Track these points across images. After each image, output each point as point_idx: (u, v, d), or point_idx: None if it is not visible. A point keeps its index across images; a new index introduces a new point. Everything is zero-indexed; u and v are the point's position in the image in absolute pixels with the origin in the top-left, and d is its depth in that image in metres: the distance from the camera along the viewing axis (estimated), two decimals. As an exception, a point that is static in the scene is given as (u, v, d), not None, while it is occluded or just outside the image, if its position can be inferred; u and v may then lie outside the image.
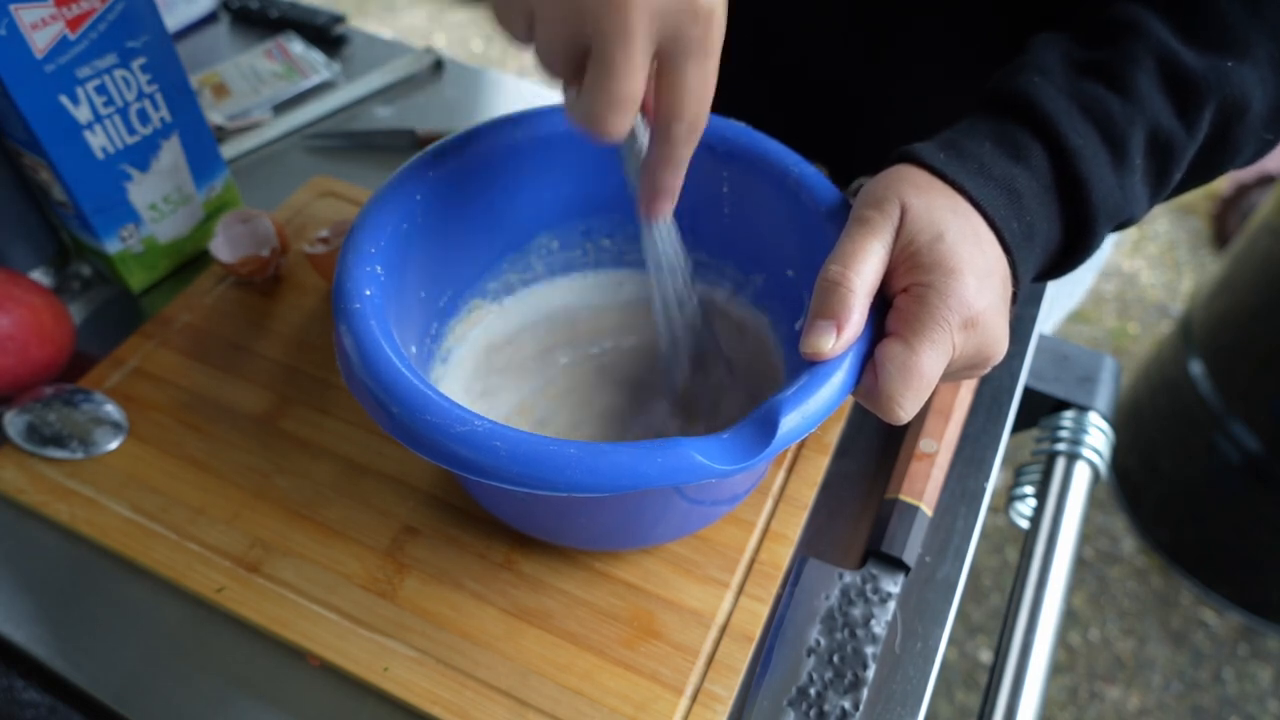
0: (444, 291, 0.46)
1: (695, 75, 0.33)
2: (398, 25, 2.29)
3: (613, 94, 0.31)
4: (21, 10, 0.43)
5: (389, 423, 0.33)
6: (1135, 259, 1.79)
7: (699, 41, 0.32)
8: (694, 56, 0.32)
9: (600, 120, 0.32)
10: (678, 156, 0.35)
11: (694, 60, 0.32)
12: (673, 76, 0.33)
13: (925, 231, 0.34)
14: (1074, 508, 0.51)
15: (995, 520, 1.39)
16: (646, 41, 0.31)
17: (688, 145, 0.35)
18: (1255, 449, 1.16)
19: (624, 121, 0.32)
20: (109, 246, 0.54)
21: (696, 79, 0.33)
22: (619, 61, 0.31)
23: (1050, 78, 0.37)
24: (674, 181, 0.36)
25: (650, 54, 0.31)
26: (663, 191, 0.37)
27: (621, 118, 0.32)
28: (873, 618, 0.43)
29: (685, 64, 0.32)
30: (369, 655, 0.41)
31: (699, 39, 0.32)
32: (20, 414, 0.48)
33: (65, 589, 0.44)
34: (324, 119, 0.71)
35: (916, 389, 0.33)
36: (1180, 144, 0.38)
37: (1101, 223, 0.37)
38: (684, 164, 0.36)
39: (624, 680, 0.40)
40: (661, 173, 0.36)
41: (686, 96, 0.33)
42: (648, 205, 0.37)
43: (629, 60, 0.31)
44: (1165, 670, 1.25)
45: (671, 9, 0.30)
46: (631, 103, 0.32)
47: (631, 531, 0.42)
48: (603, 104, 0.32)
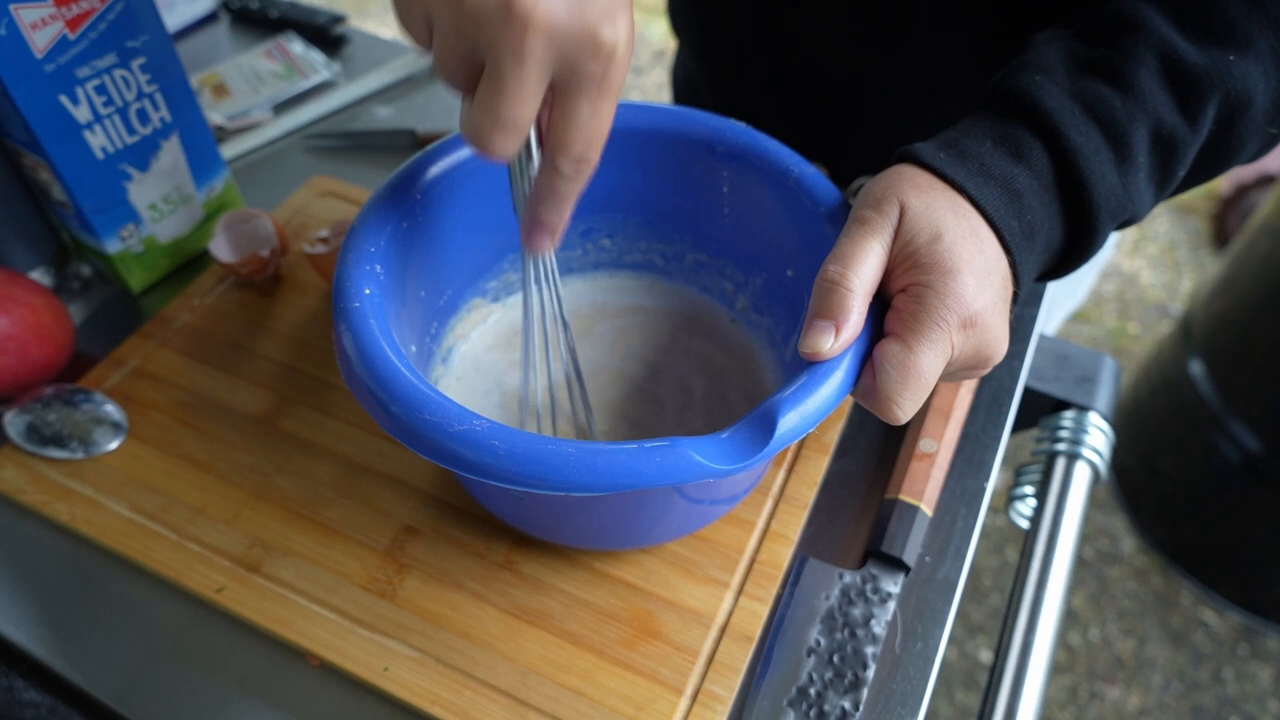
0: (444, 291, 0.46)
1: (587, 111, 0.32)
2: (398, 25, 2.29)
3: (499, 115, 0.31)
4: (21, 10, 0.43)
5: (388, 422, 0.33)
6: (1135, 259, 1.79)
7: (596, 78, 0.31)
8: (588, 92, 0.31)
9: (485, 140, 0.31)
10: (561, 192, 0.34)
11: (588, 96, 0.31)
12: (565, 109, 0.32)
13: (924, 231, 0.34)
14: (1074, 508, 0.51)
15: (995, 520, 1.39)
16: (540, 68, 0.30)
17: (573, 181, 0.34)
18: (1255, 449, 1.16)
19: (508, 144, 0.31)
20: (109, 246, 0.54)
21: (588, 115, 0.32)
22: (509, 84, 0.30)
23: (1051, 76, 0.37)
24: (555, 217, 0.35)
25: (544, 81, 0.31)
26: (542, 225, 0.36)
27: (506, 140, 0.31)
28: (873, 618, 0.43)
29: (579, 98, 0.31)
30: (369, 655, 0.41)
31: (597, 75, 0.31)
32: (20, 414, 0.48)
33: (65, 589, 0.44)
34: (324, 119, 0.71)
35: (915, 389, 0.33)
36: (1184, 140, 0.37)
37: (1104, 221, 0.37)
38: (568, 200, 0.35)
39: (624, 680, 0.40)
40: (543, 205, 0.35)
41: (574, 131, 0.32)
42: (526, 237, 0.36)
43: (520, 84, 0.30)
44: (1165, 670, 1.25)
45: (571, 39, 0.30)
46: (517, 127, 0.31)
47: (631, 531, 0.42)
48: (489, 124, 0.31)
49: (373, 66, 0.75)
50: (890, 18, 0.53)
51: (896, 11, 0.52)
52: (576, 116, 0.32)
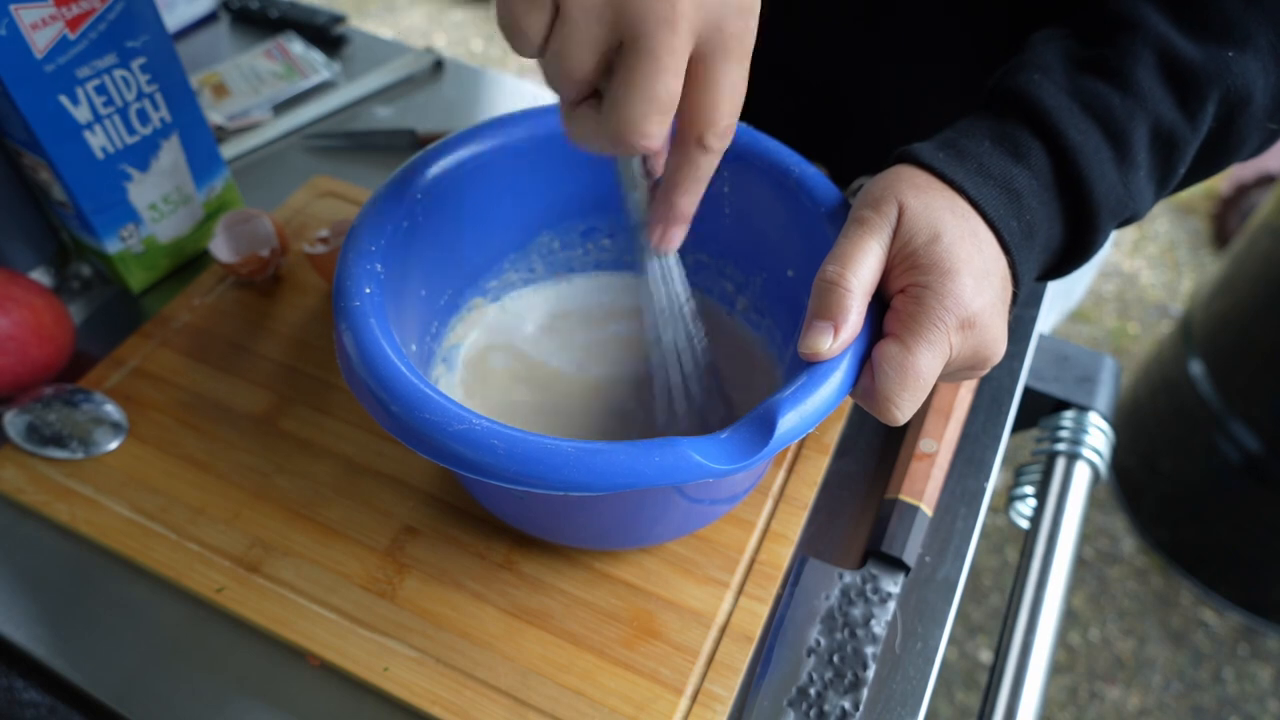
0: (444, 290, 0.46)
1: (735, 75, 0.30)
2: (398, 25, 2.29)
3: (654, 93, 0.28)
4: (21, 10, 0.43)
5: (388, 421, 0.33)
6: (1135, 259, 1.79)
7: (739, 37, 0.29)
8: (734, 54, 0.29)
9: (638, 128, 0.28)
10: (704, 173, 0.32)
11: (734, 58, 0.29)
12: (710, 77, 0.29)
13: (923, 232, 0.34)
14: (1074, 508, 0.51)
15: (995, 520, 1.39)
16: (691, 33, 0.28)
17: (716, 159, 0.32)
18: (1255, 449, 1.16)
19: (664, 128, 0.29)
20: (109, 246, 0.54)
21: (736, 80, 0.30)
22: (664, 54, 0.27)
23: (1049, 75, 0.37)
24: (691, 203, 0.33)
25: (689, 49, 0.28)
26: (680, 217, 0.33)
27: (663, 123, 0.29)
28: (873, 618, 0.43)
29: (725, 63, 0.29)
30: (369, 655, 0.41)
31: (739, 35, 0.29)
32: (20, 414, 0.48)
33: (65, 589, 0.44)
34: (324, 119, 0.71)
35: (913, 390, 0.33)
36: (1183, 137, 0.37)
37: (1104, 220, 0.37)
38: (705, 183, 0.33)
39: (624, 680, 0.40)
40: (682, 193, 0.32)
41: (725, 100, 0.30)
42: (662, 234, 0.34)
43: (673, 54, 0.27)
44: (1165, 670, 1.25)
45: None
46: (673, 105, 0.29)
47: (631, 531, 0.42)
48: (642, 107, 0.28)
49: (373, 66, 0.75)
50: (890, 18, 0.53)
51: (896, 12, 0.52)
52: (727, 82, 0.29)
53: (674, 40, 0.27)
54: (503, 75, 0.76)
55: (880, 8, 0.53)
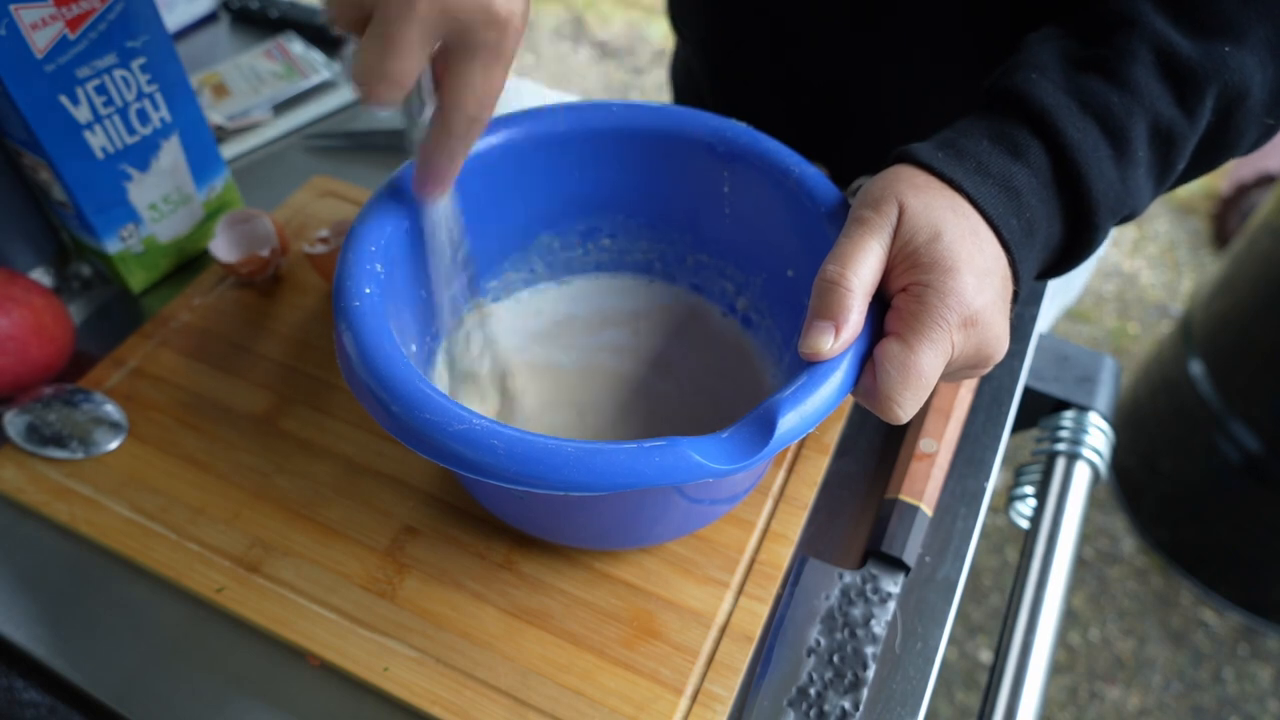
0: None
1: (480, 75, 0.33)
2: (398, 25, 2.29)
3: (381, 68, 0.32)
4: (21, 10, 0.43)
5: (388, 421, 0.33)
6: (1135, 259, 1.79)
7: (491, 46, 0.33)
8: (481, 58, 0.33)
9: (365, 87, 0.33)
10: (449, 147, 0.36)
11: (480, 61, 0.33)
12: (458, 71, 0.33)
13: (923, 231, 0.34)
14: (1074, 508, 0.51)
15: (995, 520, 1.39)
16: (426, 30, 0.31)
17: (463, 139, 0.36)
18: (1255, 449, 1.16)
19: (390, 95, 0.33)
20: (109, 246, 0.54)
21: (481, 79, 0.34)
22: (394, 40, 0.31)
23: (1047, 74, 0.37)
24: (445, 169, 0.37)
25: (428, 41, 0.32)
26: (433, 174, 0.37)
27: (385, 91, 0.32)
28: (873, 618, 0.43)
29: (471, 63, 0.33)
30: (369, 655, 0.41)
31: (491, 43, 0.32)
32: (20, 414, 0.48)
33: (65, 589, 0.44)
34: (324, 119, 0.71)
35: (915, 389, 0.33)
36: (1182, 133, 0.37)
37: (1104, 217, 0.37)
38: (458, 155, 0.36)
39: (624, 680, 0.40)
40: (434, 157, 0.37)
41: (467, 93, 0.34)
42: (418, 185, 0.38)
43: (401, 42, 0.31)
44: (1165, 670, 1.25)
45: (465, 8, 0.31)
46: (400, 81, 0.32)
47: (631, 531, 0.42)
48: (372, 74, 0.32)
49: (373, 66, 0.75)
50: (890, 14, 0.53)
51: (897, 12, 0.52)
52: (470, 79, 0.33)
53: (403, 32, 0.31)
54: (503, 75, 0.76)
55: (880, 8, 0.53)
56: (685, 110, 0.45)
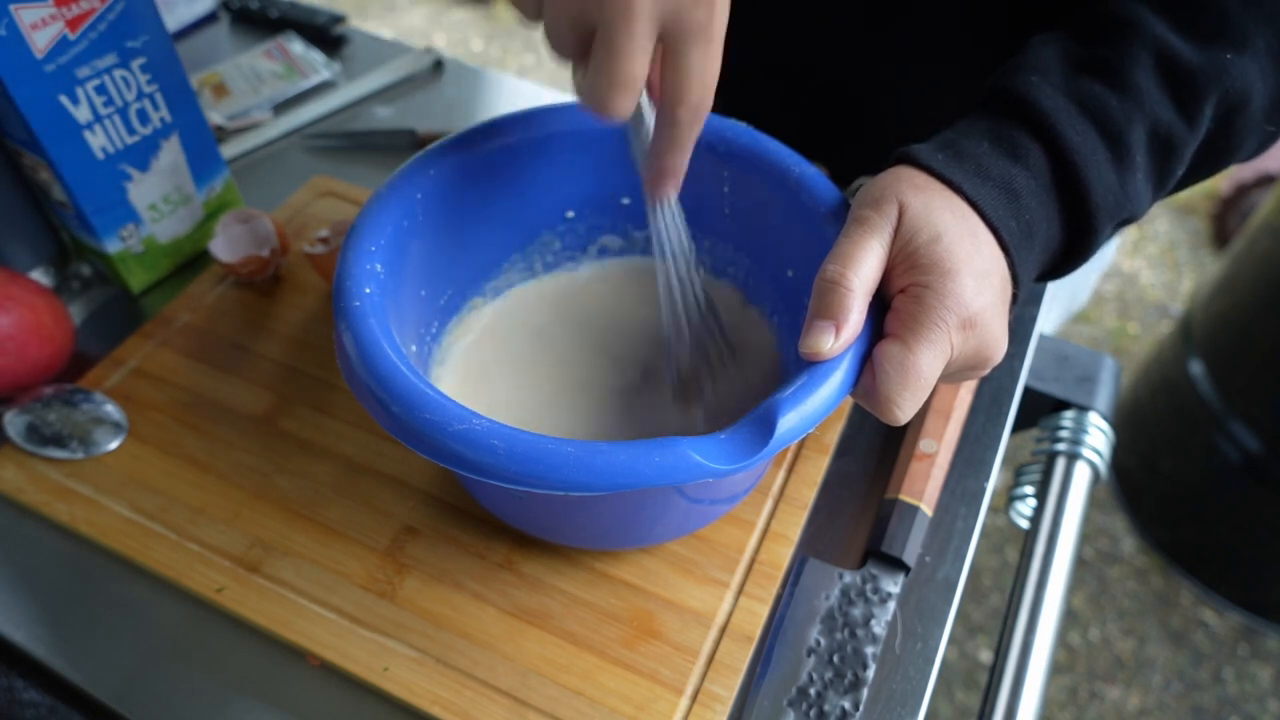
0: (444, 290, 0.46)
1: (698, 59, 0.33)
2: (398, 25, 2.29)
3: (615, 74, 0.32)
4: (21, 10, 0.43)
5: (388, 421, 0.33)
6: (1135, 259, 1.79)
7: (701, 25, 0.32)
8: (696, 40, 0.33)
9: (604, 101, 0.33)
10: (681, 139, 0.36)
11: (696, 44, 0.33)
12: (676, 60, 0.33)
13: (923, 232, 0.34)
14: (1074, 508, 0.51)
15: (995, 520, 1.39)
16: (649, 23, 0.31)
17: (691, 128, 0.35)
18: (1255, 449, 1.16)
19: (627, 102, 0.33)
20: (109, 246, 0.54)
21: (699, 62, 0.33)
22: (622, 42, 0.31)
23: (1048, 77, 0.37)
24: (678, 163, 0.37)
25: (653, 36, 0.32)
26: (667, 173, 0.37)
27: (624, 98, 0.33)
28: (873, 618, 0.43)
29: (688, 47, 0.33)
30: (369, 655, 0.41)
31: (701, 23, 0.32)
32: (20, 414, 0.48)
33: (65, 589, 0.44)
34: (324, 119, 0.71)
35: (914, 390, 0.33)
36: (1181, 139, 0.37)
37: (1103, 220, 0.37)
38: (688, 146, 0.36)
39: (624, 680, 0.40)
40: (666, 155, 0.37)
41: (689, 80, 0.34)
42: (653, 186, 0.38)
43: (631, 41, 0.31)
44: (1165, 670, 1.25)
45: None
46: (634, 84, 0.33)
47: (631, 531, 0.42)
48: (605, 84, 0.32)
49: (373, 66, 0.75)
50: (891, 18, 0.53)
51: (897, 12, 0.52)
52: (690, 65, 0.33)
53: (630, 30, 0.31)
54: (503, 75, 0.76)
55: (881, 8, 0.53)
56: (685, 110, 0.45)
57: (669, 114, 0.35)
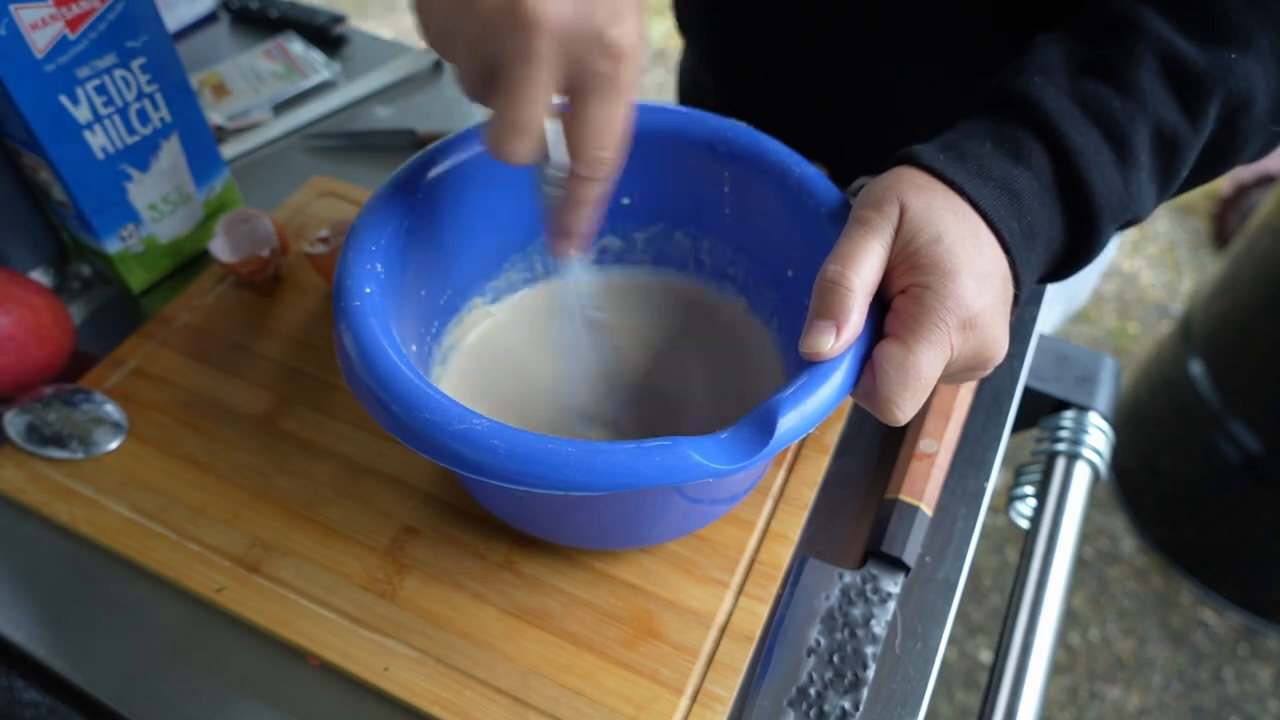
0: (444, 290, 0.46)
1: (600, 113, 0.32)
2: (398, 25, 2.29)
3: (512, 119, 0.31)
4: (21, 10, 0.43)
5: (388, 421, 0.33)
6: (1135, 259, 1.79)
7: (608, 79, 0.31)
8: (600, 93, 0.31)
9: (499, 145, 0.32)
10: (581, 197, 0.34)
11: (600, 97, 0.31)
12: (579, 110, 0.32)
13: (924, 232, 0.34)
14: (1074, 508, 0.51)
15: (995, 520, 1.39)
16: (549, 69, 0.30)
17: (594, 184, 0.34)
18: (1255, 449, 1.16)
19: (523, 147, 0.32)
20: (109, 246, 0.54)
21: (601, 117, 0.32)
22: (518, 87, 0.30)
23: (1051, 78, 0.37)
24: (576, 222, 0.35)
25: (552, 83, 0.31)
26: (562, 232, 0.36)
27: (521, 143, 0.31)
28: (873, 618, 0.43)
29: (589, 99, 0.32)
30: (369, 655, 0.41)
31: (606, 74, 0.31)
32: (20, 414, 0.48)
33: (65, 589, 0.44)
34: (324, 119, 0.71)
35: (914, 390, 0.33)
36: (1185, 139, 0.37)
37: (1105, 222, 0.37)
38: (588, 204, 0.35)
39: (624, 680, 0.40)
40: (564, 212, 0.35)
41: (589, 135, 0.32)
42: (550, 244, 0.36)
43: (529, 85, 0.30)
44: (1165, 670, 1.25)
45: (579, 39, 0.30)
46: (531, 129, 0.31)
47: (631, 530, 0.42)
48: (502, 129, 0.31)
49: (373, 66, 0.75)
50: (893, 18, 0.53)
51: (899, 12, 0.52)
52: (591, 117, 0.32)
53: (528, 73, 0.30)
54: (503, 75, 0.76)
55: (881, 8, 0.53)
56: (686, 110, 0.45)
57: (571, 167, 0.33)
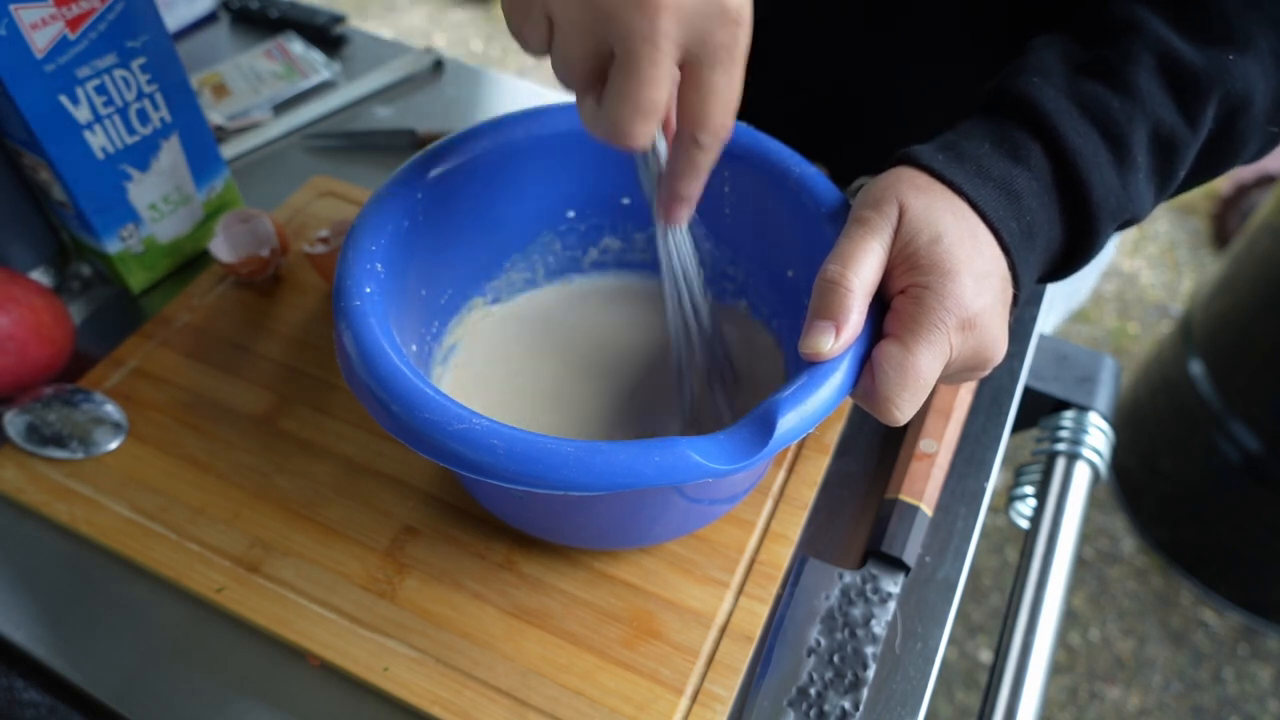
0: (444, 290, 0.47)
1: (723, 81, 0.32)
2: (398, 25, 2.29)
3: (639, 102, 0.30)
4: (21, 10, 0.43)
5: (388, 420, 0.33)
6: (1135, 259, 1.79)
7: (727, 47, 0.31)
8: (721, 62, 0.31)
9: (625, 131, 0.31)
10: (700, 164, 0.34)
11: (721, 66, 0.31)
12: (699, 83, 0.31)
13: (923, 233, 0.34)
14: (1074, 508, 0.51)
15: (995, 520, 1.39)
16: (674, 46, 0.30)
17: (711, 152, 0.34)
18: (1255, 449, 1.16)
19: (648, 130, 0.31)
20: (109, 246, 0.54)
21: (724, 85, 0.32)
22: (646, 68, 0.30)
23: (1049, 78, 0.37)
24: (695, 189, 0.36)
25: (675, 59, 0.30)
26: (683, 199, 0.36)
27: (646, 127, 0.31)
28: (873, 618, 0.43)
29: (712, 70, 0.31)
30: (369, 655, 0.41)
31: (727, 45, 0.31)
32: (20, 414, 0.48)
33: (65, 589, 0.44)
34: (324, 119, 0.71)
35: (913, 390, 0.33)
36: (1183, 140, 0.37)
37: (1104, 222, 0.37)
38: (706, 172, 0.35)
39: (624, 680, 0.40)
40: (682, 181, 0.35)
41: (713, 104, 0.32)
42: (666, 212, 0.37)
43: (656, 66, 0.30)
44: (1165, 670, 1.25)
45: (701, 12, 0.29)
46: (656, 111, 0.31)
47: (631, 530, 0.42)
48: (629, 113, 0.30)
49: (373, 66, 0.75)
50: (892, 18, 0.53)
51: (898, 12, 0.52)
52: (714, 88, 0.32)
53: (655, 54, 0.29)
54: (503, 75, 0.76)
55: (881, 9, 0.53)
56: (685, 110, 0.45)
57: (689, 138, 0.33)
